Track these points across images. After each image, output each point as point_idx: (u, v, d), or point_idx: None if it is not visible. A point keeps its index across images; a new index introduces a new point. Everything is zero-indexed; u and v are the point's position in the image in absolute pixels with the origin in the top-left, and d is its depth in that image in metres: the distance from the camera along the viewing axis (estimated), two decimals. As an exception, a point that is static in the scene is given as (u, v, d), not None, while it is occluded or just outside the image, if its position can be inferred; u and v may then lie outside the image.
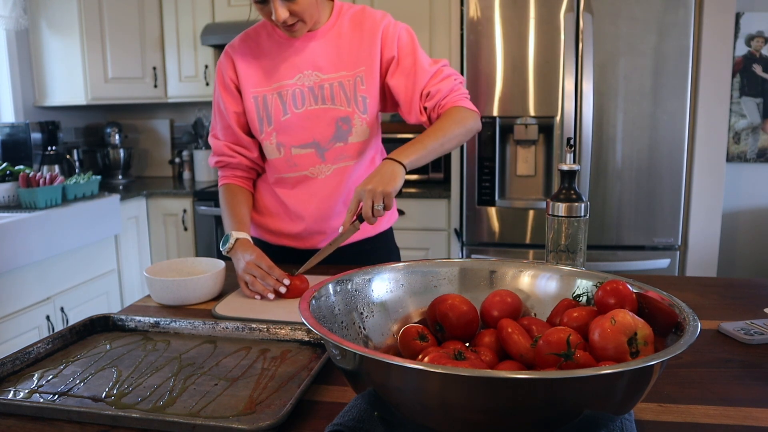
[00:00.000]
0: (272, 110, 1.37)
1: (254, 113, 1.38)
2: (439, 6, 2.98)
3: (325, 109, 1.37)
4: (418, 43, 1.40)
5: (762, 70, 2.87)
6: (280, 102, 1.37)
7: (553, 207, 1.15)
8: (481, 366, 0.70)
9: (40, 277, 2.38)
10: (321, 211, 1.43)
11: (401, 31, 1.39)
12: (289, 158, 1.39)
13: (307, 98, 1.36)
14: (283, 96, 1.36)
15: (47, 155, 3.04)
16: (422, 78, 1.35)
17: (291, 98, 1.36)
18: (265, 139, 1.39)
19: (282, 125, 1.37)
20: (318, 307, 0.75)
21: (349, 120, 1.38)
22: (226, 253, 1.30)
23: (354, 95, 1.37)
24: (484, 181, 2.54)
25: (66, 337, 1.00)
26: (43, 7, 3.15)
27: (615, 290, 0.75)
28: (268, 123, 1.38)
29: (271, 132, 1.38)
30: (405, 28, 1.40)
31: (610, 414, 0.60)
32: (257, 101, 1.37)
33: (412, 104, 1.36)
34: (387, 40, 1.37)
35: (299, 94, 1.37)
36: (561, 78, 2.42)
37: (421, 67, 1.35)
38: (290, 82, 1.36)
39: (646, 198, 2.47)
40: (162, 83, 3.37)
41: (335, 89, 1.36)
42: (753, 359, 0.91)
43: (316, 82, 1.36)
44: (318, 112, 1.37)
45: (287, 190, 1.44)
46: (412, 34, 1.40)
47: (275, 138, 1.38)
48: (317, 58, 1.36)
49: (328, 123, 1.37)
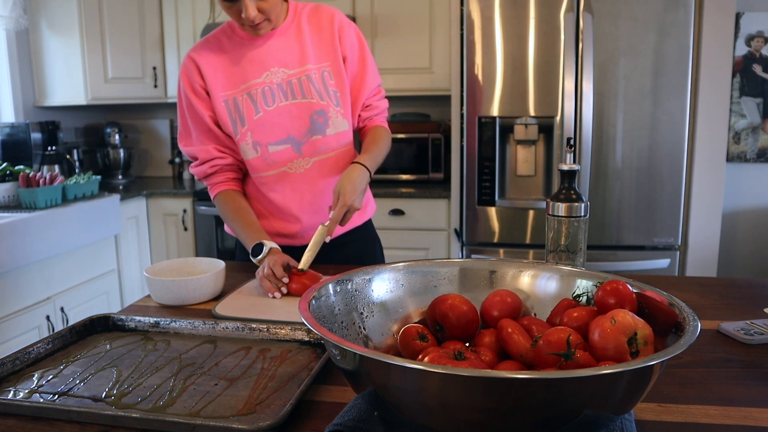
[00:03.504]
0: (244, 111, 1.38)
1: (226, 116, 1.38)
2: (439, 6, 2.98)
3: (297, 104, 1.38)
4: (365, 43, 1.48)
5: (762, 70, 2.87)
6: (251, 101, 1.38)
7: (553, 207, 1.15)
8: (481, 366, 0.70)
9: (40, 277, 2.38)
10: (311, 205, 1.44)
11: (352, 32, 1.45)
12: (266, 156, 1.40)
13: (276, 95, 1.38)
14: (253, 95, 1.37)
15: (47, 155, 3.04)
16: (367, 88, 1.47)
17: (261, 96, 1.37)
18: (241, 140, 1.39)
19: (255, 124, 1.38)
20: (318, 307, 0.75)
21: (325, 113, 1.40)
22: (259, 262, 1.30)
23: (325, 89, 1.40)
24: (484, 181, 2.54)
25: (66, 337, 1.00)
26: (43, 7, 3.15)
27: (615, 290, 0.75)
28: (241, 124, 1.38)
29: (246, 132, 1.38)
30: (355, 29, 1.46)
31: (610, 414, 0.60)
32: (228, 104, 1.38)
33: (353, 110, 1.47)
34: (342, 38, 1.42)
35: (269, 92, 1.38)
36: (561, 78, 2.42)
37: (369, 76, 1.47)
38: (258, 81, 1.38)
39: (646, 198, 2.47)
40: (162, 83, 3.37)
41: (304, 83, 1.38)
42: (753, 359, 0.91)
43: (284, 79, 1.38)
44: (290, 107, 1.38)
45: (271, 189, 1.44)
46: (361, 37, 1.47)
47: (251, 138, 1.39)
48: (282, 54, 1.38)
49: (301, 117, 1.39)
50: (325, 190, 1.44)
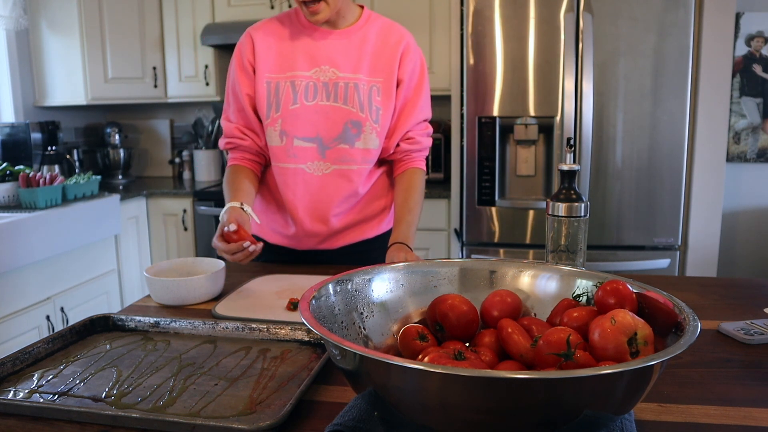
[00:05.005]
0: (282, 97, 1.37)
1: (264, 98, 1.37)
2: (439, 6, 2.97)
3: (336, 107, 1.37)
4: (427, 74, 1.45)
5: (762, 70, 2.87)
6: (292, 91, 1.36)
7: (553, 207, 1.14)
8: (481, 366, 0.70)
9: (40, 277, 2.38)
10: (315, 211, 1.43)
11: (416, 59, 1.42)
12: (290, 148, 1.39)
13: (320, 93, 1.36)
14: (296, 86, 1.36)
15: (47, 155, 3.04)
16: (416, 118, 1.43)
17: (303, 90, 1.36)
18: (270, 125, 1.38)
19: (289, 114, 1.37)
20: (318, 307, 0.75)
21: (360, 125, 1.37)
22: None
23: (369, 103, 1.37)
24: (484, 181, 2.54)
25: (66, 337, 1.00)
26: (43, 7, 3.15)
27: (615, 290, 0.75)
28: (276, 109, 1.37)
29: (277, 119, 1.37)
30: (420, 56, 1.44)
31: (610, 414, 0.60)
32: (269, 86, 1.37)
33: (393, 134, 1.43)
34: (404, 62, 1.40)
35: (312, 88, 1.36)
36: (561, 78, 2.42)
37: (420, 107, 1.43)
38: (306, 74, 1.36)
39: (646, 198, 2.47)
40: (162, 83, 3.37)
41: (350, 90, 1.36)
42: (753, 359, 0.91)
43: (331, 79, 1.36)
44: (328, 108, 1.37)
45: (284, 182, 1.42)
46: (424, 65, 1.45)
47: (280, 125, 1.38)
48: (337, 55, 1.37)
49: (336, 122, 1.37)
50: (334, 200, 1.42)
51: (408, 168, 1.47)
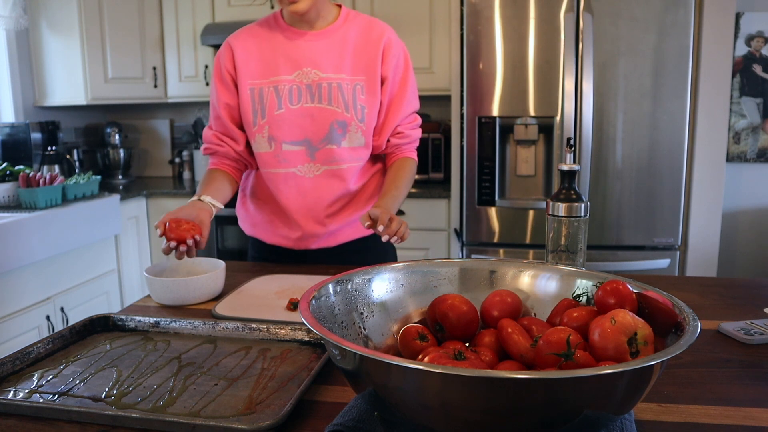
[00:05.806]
0: (267, 103, 1.37)
1: (249, 105, 1.38)
2: (439, 6, 2.97)
3: (321, 108, 1.37)
4: (411, 66, 1.45)
5: (762, 70, 2.87)
6: (276, 96, 1.37)
7: (553, 207, 1.15)
8: (481, 366, 0.70)
9: (40, 277, 2.38)
10: (311, 212, 1.43)
11: (399, 54, 1.42)
12: (279, 153, 1.39)
13: (304, 95, 1.37)
14: (279, 90, 1.37)
15: (47, 155, 3.04)
16: (403, 112, 1.44)
17: (287, 94, 1.37)
18: (258, 132, 1.39)
19: (275, 119, 1.37)
20: (318, 307, 0.75)
21: (346, 125, 1.38)
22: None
23: (353, 102, 1.38)
24: (484, 181, 2.54)
25: (66, 337, 1.00)
26: (43, 7, 3.15)
27: (615, 290, 0.75)
28: (261, 115, 1.38)
29: (264, 125, 1.38)
30: (403, 49, 1.44)
31: (610, 414, 0.60)
32: (253, 93, 1.38)
33: (382, 131, 1.44)
34: (386, 58, 1.40)
35: (296, 91, 1.37)
36: (561, 78, 2.42)
37: (407, 100, 1.44)
38: (288, 78, 1.37)
39: (646, 198, 2.47)
40: (162, 83, 3.37)
41: (333, 90, 1.36)
42: (753, 359, 0.91)
43: (314, 80, 1.36)
44: (313, 110, 1.37)
45: (277, 188, 1.43)
46: (408, 57, 1.45)
47: (267, 131, 1.38)
48: (318, 56, 1.37)
49: (322, 123, 1.37)
50: (327, 200, 1.43)
51: (399, 158, 1.49)
